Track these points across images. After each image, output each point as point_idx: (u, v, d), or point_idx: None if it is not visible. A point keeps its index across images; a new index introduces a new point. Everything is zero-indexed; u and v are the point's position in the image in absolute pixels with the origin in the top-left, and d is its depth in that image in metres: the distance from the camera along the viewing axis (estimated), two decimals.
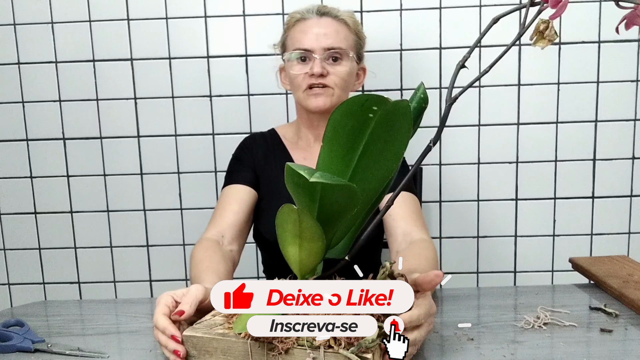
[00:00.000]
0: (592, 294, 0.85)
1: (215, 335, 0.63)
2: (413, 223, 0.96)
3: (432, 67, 1.35)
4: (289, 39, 1.05)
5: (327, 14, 1.02)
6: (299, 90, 1.02)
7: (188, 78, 1.37)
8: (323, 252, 0.63)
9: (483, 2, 1.32)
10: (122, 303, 0.92)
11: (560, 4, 0.47)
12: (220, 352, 0.63)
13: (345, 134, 0.60)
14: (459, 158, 1.38)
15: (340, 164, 0.62)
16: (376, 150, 0.60)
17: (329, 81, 1.00)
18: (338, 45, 1.00)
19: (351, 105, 0.57)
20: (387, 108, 0.55)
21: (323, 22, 1.01)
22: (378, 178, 0.62)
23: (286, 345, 0.59)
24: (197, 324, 0.66)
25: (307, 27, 1.01)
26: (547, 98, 1.36)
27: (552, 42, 0.50)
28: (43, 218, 1.44)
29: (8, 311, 0.89)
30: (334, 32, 1.01)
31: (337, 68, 1.01)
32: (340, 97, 1.03)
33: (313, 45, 0.99)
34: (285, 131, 1.14)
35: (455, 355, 0.64)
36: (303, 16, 1.03)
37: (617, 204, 1.40)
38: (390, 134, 0.58)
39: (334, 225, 0.62)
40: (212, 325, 0.66)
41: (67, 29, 1.35)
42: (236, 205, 1.02)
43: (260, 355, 0.61)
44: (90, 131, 1.40)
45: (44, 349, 0.70)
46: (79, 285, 1.47)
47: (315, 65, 0.98)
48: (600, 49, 1.33)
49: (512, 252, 1.42)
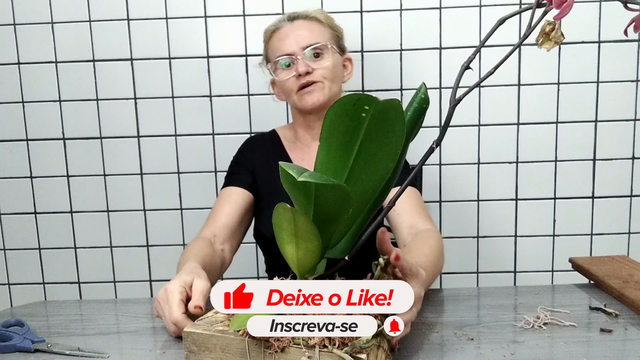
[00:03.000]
0: (592, 294, 0.85)
1: (214, 332, 0.63)
2: (417, 215, 0.98)
3: (432, 67, 1.35)
4: (269, 51, 1.08)
5: (298, 17, 1.07)
6: (291, 94, 1.05)
7: (188, 78, 1.37)
8: (320, 251, 0.63)
9: (483, 2, 1.32)
10: (122, 303, 0.92)
11: (564, 4, 0.47)
12: (219, 349, 0.64)
13: (341, 133, 0.60)
14: (459, 158, 1.38)
15: (338, 163, 0.62)
16: (372, 150, 0.60)
17: (316, 76, 1.03)
18: (315, 41, 1.03)
19: (344, 105, 0.58)
20: (378, 107, 0.56)
21: (296, 25, 1.05)
22: (375, 177, 0.62)
23: (282, 344, 0.59)
24: (199, 320, 0.67)
25: (283, 34, 1.05)
26: (547, 98, 1.36)
27: (558, 44, 0.49)
28: (43, 218, 1.44)
29: (8, 311, 0.89)
30: (308, 30, 1.04)
31: (321, 62, 1.04)
32: (331, 89, 1.05)
33: (293, 49, 1.02)
34: (285, 132, 1.15)
35: (455, 355, 0.64)
36: (276, 26, 1.07)
37: (617, 204, 1.40)
38: (384, 133, 0.58)
39: (331, 224, 0.62)
40: (213, 322, 0.66)
41: (67, 29, 1.36)
42: (228, 207, 1.04)
43: (257, 353, 0.61)
44: (90, 131, 1.39)
45: (44, 349, 0.70)
46: (79, 285, 1.47)
47: (299, 65, 1.01)
48: (600, 49, 1.33)
49: (512, 252, 1.42)
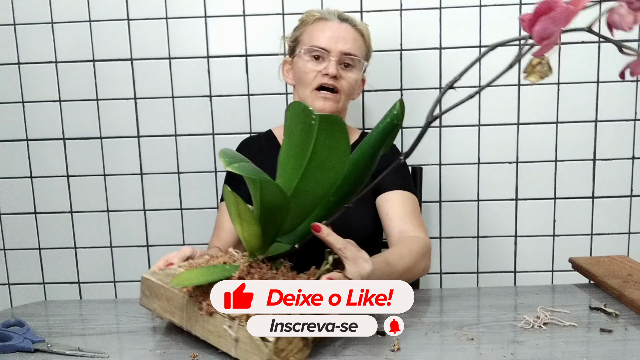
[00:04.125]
0: (592, 294, 0.85)
1: (164, 284, 0.70)
2: (409, 222, 0.97)
3: (432, 67, 1.35)
4: (305, 35, 1.05)
5: (347, 21, 1.05)
6: (307, 87, 1.02)
7: (188, 78, 1.37)
8: (262, 235, 0.68)
9: (483, 2, 1.32)
10: (122, 303, 0.92)
11: (545, 42, 0.47)
12: (165, 299, 0.71)
13: (298, 134, 0.65)
14: (459, 158, 1.38)
15: (295, 161, 0.67)
16: (322, 156, 0.65)
17: (339, 85, 1.01)
18: (355, 52, 1.02)
19: (297, 108, 0.64)
20: (323, 118, 0.61)
21: (344, 28, 1.03)
22: (328, 179, 0.66)
23: (211, 309, 0.64)
24: (160, 270, 0.75)
25: (328, 27, 1.02)
26: (547, 98, 1.36)
27: (543, 78, 0.50)
28: (43, 218, 1.44)
29: (8, 311, 0.89)
30: (352, 39, 1.03)
31: (349, 74, 1.03)
32: (344, 103, 1.05)
33: (331, 46, 1.00)
34: (281, 131, 1.15)
35: (455, 355, 0.64)
36: (324, 16, 1.04)
37: (617, 204, 1.40)
38: (332, 142, 0.64)
39: (276, 213, 0.67)
40: (170, 275, 0.72)
41: (67, 29, 1.36)
42: (228, 224, 1.03)
43: (192, 311, 0.68)
44: (90, 131, 1.40)
45: (44, 349, 0.70)
46: (79, 285, 1.47)
47: (330, 65, 1.00)
48: (600, 49, 1.33)
49: (512, 252, 1.42)
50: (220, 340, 0.65)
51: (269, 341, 0.59)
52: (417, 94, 1.36)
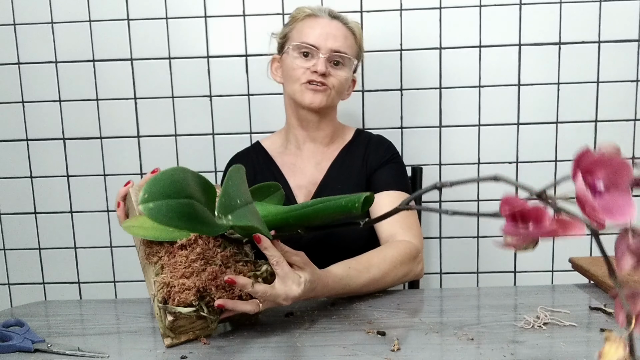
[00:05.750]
0: (592, 294, 0.85)
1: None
2: (399, 225, 0.95)
3: (432, 67, 1.35)
4: (294, 31, 1.04)
5: (338, 18, 1.03)
6: (295, 82, 1.01)
7: (188, 78, 1.37)
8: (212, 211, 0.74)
9: (483, 2, 1.32)
10: (122, 303, 0.92)
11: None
12: (138, 213, 0.78)
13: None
14: (459, 158, 1.38)
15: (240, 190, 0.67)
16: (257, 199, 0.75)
17: (328, 82, 1.00)
18: (345, 50, 1.01)
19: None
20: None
21: (334, 25, 1.02)
22: (255, 220, 0.66)
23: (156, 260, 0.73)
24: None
25: (318, 24, 1.01)
26: (547, 98, 1.36)
27: None
28: (43, 218, 1.44)
29: (8, 311, 0.89)
30: (343, 36, 1.01)
31: (338, 72, 1.01)
32: (334, 100, 1.04)
33: (321, 43, 0.99)
34: (270, 142, 1.13)
35: (455, 355, 0.64)
36: (314, 13, 1.03)
37: None
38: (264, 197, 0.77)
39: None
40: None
41: (67, 29, 1.36)
42: None
43: (146, 246, 0.77)
44: (90, 131, 1.40)
45: (44, 349, 0.70)
46: (79, 285, 1.47)
47: (319, 63, 0.98)
48: (600, 49, 1.33)
49: (512, 252, 1.42)
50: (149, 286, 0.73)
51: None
52: (417, 94, 1.36)
